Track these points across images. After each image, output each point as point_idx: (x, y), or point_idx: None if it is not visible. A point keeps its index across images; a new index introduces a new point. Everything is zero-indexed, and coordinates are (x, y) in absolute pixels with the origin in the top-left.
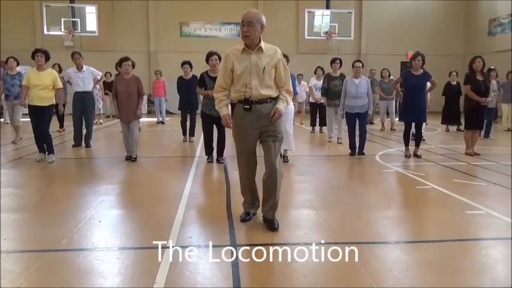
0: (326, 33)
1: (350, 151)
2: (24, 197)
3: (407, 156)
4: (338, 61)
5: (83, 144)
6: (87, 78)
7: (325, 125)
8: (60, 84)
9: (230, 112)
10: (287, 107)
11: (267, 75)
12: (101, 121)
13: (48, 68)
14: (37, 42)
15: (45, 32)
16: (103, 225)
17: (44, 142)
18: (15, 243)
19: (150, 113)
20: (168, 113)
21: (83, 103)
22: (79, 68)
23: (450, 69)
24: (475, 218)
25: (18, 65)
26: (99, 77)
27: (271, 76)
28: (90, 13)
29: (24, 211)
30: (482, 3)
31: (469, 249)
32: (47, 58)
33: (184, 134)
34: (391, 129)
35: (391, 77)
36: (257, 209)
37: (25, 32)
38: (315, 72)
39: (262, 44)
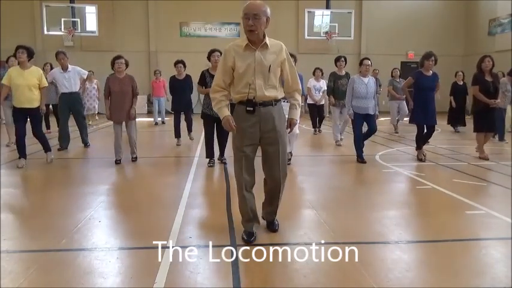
0: (326, 33)
1: (359, 158)
2: (24, 197)
3: (422, 160)
4: (343, 59)
5: (83, 145)
6: (73, 78)
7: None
8: (45, 83)
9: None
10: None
11: (273, 74)
12: (97, 118)
13: (32, 66)
14: (37, 42)
15: (45, 32)
16: (103, 225)
17: (40, 143)
18: (15, 243)
19: (150, 113)
20: (168, 113)
21: (71, 105)
22: (64, 68)
23: (450, 69)
24: (475, 218)
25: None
26: (85, 76)
27: (277, 75)
28: (90, 13)
29: (24, 211)
30: (482, 3)
31: (469, 249)
32: (30, 55)
33: (176, 136)
34: (393, 129)
35: (401, 78)
36: (258, 225)
37: (25, 32)
38: (314, 74)
39: (267, 40)
